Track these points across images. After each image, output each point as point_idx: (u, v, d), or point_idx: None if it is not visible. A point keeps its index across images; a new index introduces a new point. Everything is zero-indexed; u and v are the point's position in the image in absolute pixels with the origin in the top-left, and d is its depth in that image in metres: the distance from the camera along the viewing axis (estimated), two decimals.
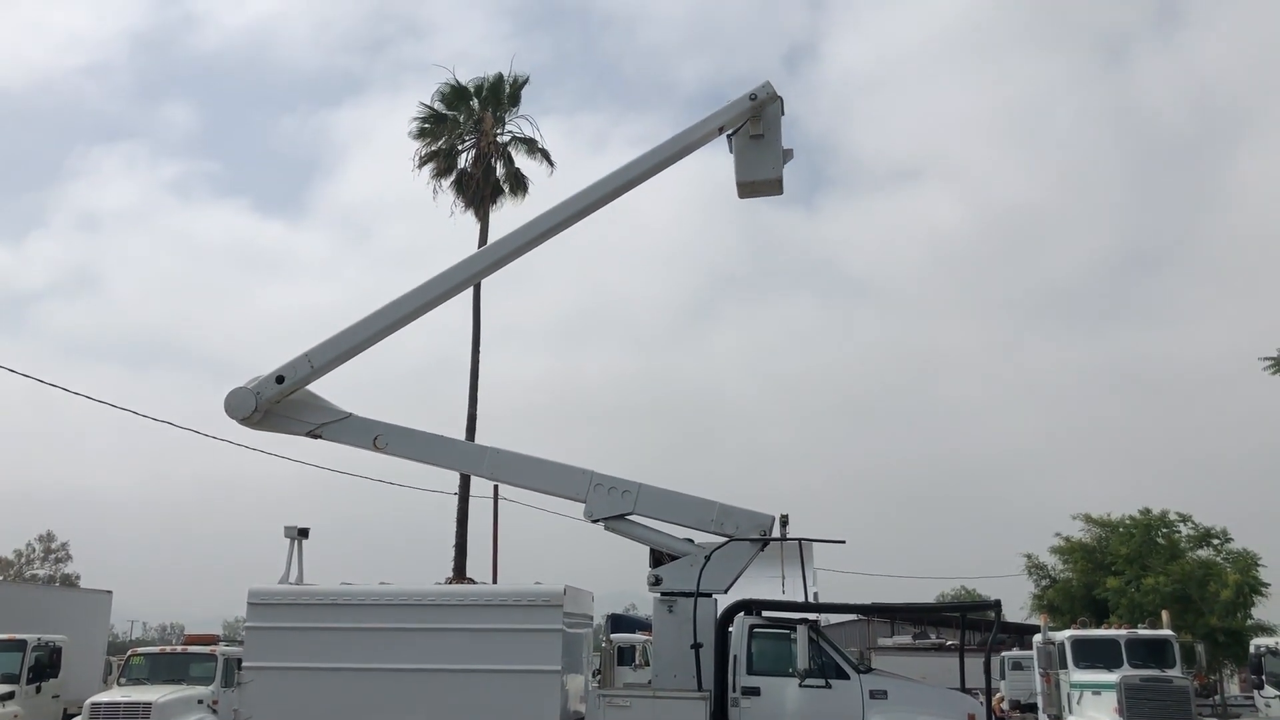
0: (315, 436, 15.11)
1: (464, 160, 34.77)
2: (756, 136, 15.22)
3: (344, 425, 15.07)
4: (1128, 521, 35.08)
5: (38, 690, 19.61)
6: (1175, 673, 19.33)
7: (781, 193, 15.56)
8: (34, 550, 63.59)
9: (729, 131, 15.36)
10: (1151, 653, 19.82)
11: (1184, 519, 34.37)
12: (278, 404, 14.88)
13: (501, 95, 34.86)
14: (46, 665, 19.97)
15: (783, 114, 15.45)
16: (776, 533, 14.38)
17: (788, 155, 15.36)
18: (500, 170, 34.75)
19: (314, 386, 15.20)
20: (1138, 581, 32.23)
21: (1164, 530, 34.30)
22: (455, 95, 34.78)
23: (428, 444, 15.40)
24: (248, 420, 14.83)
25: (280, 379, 14.73)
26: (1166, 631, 20.43)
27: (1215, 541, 33.62)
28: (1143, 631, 20.55)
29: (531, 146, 35.03)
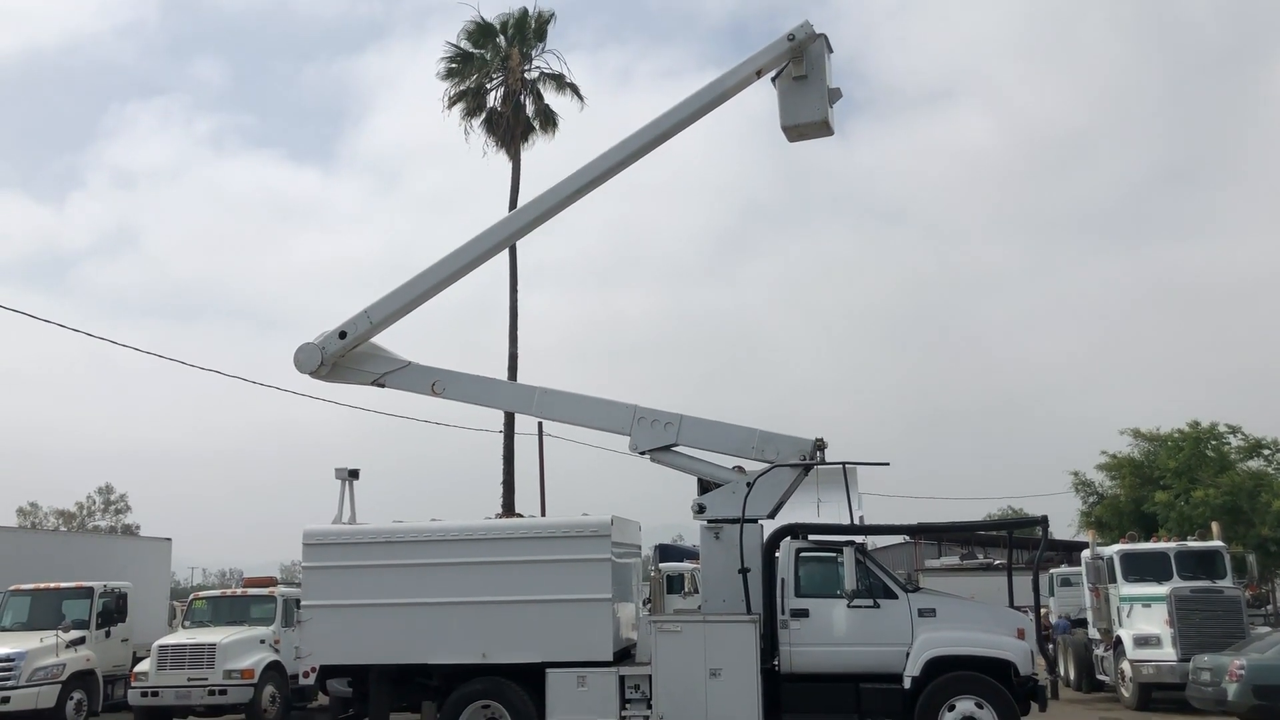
0: (379, 385, 15.75)
1: (493, 99, 34.51)
2: (800, 78, 14.79)
3: (404, 373, 15.64)
4: (1176, 435, 34.80)
5: (107, 635, 20.21)
6: (1226, 583, 19.26)
7: (831, 133, 15.08)
8: (94, 502, 65.18)
9: (771, 74, 15.00)
10: (1201, 564, 19.71)
11: (1233, 430, 34.09)
12: (342, 357, 15.46)
13: (527, 31, 34.45)
14: (114, 611, 20.56)
15: (830, 52, 14.98)
16: (816, 458, 14.44)
17: (835, 95, 14.89)
18: (530, 107, 34.46)
19: (376, 337, 15.70)
20: (1187, 495, 32.05)
21: (1213, 442, 34.01)
22: (481, 33, 34.43)
23: (480, 387, 16.03)
24: (315, 373, 15.48)
25: (343, 334, 15.31)
26: (1217, 543, 20.30)
27: (1266, 452, 33.37)
28: (1192, 544, 20.41)
29: (560, 82, 34.67)
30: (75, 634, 19.26)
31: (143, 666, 18.71)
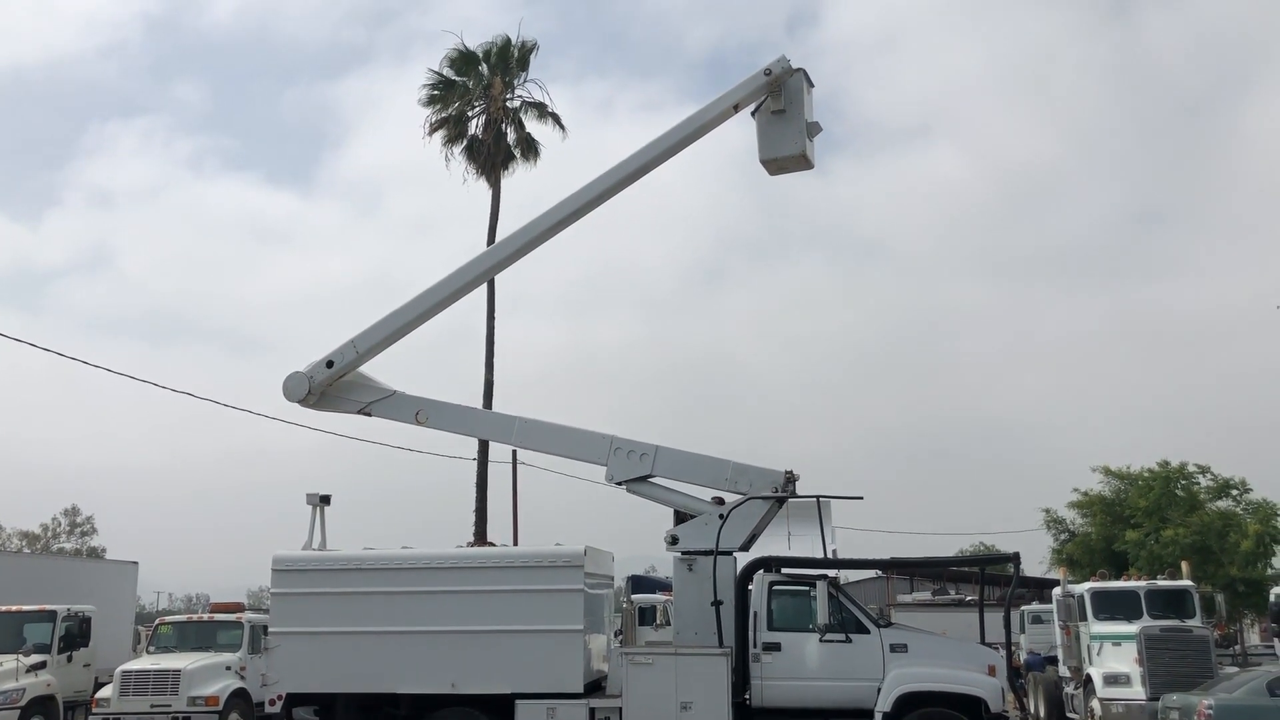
0: (366, 414, 15.88)
1: (474, 126, 34.57)
2: (778, 112, 15.00)
3: (390, 402, 15.78)
4: (1146, 474, 35.01)
5: (69, 659, 19.89)
6: (1195, 623, 19.37)
7: (810, 167, 15.25)
8: (59, 524, 64.15)
9: (750, 108, 15.18)
10: (1171, 603, 19.83)
11: (1203, 470, 34.28)
12: (330, 386, 15.57)
13: (510, 60, 34.58)
14: (77, 635, 20.24)
15: (810, 86, 15.20)
16: (788, 490, 14.46)
17: (814, 129, 15.06)
18: (511, 135, 34.54)
19: (363, 366, 15.79)
20: (1157, 534, 32.21)
21: (1183, 482, 34.21)
22: (464, 61, 34.53)
23: (462, 416, 16.36)
24: (304, 402, 15.60)
25: (330, 364, 15.44)
26: (1186, 582, 20.43)
27: (1234, 492, 33.55)
28: (1162, 583, 20.54)
29: (542, 111, 34.78)
30: (36, 658, 18.93)
31: (105, 692, 18.41)
